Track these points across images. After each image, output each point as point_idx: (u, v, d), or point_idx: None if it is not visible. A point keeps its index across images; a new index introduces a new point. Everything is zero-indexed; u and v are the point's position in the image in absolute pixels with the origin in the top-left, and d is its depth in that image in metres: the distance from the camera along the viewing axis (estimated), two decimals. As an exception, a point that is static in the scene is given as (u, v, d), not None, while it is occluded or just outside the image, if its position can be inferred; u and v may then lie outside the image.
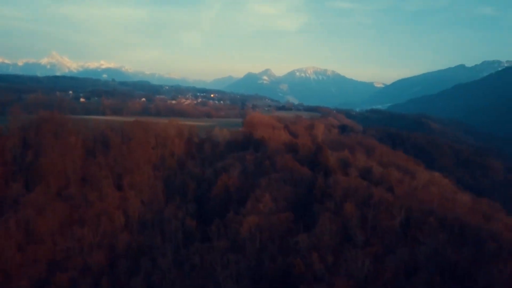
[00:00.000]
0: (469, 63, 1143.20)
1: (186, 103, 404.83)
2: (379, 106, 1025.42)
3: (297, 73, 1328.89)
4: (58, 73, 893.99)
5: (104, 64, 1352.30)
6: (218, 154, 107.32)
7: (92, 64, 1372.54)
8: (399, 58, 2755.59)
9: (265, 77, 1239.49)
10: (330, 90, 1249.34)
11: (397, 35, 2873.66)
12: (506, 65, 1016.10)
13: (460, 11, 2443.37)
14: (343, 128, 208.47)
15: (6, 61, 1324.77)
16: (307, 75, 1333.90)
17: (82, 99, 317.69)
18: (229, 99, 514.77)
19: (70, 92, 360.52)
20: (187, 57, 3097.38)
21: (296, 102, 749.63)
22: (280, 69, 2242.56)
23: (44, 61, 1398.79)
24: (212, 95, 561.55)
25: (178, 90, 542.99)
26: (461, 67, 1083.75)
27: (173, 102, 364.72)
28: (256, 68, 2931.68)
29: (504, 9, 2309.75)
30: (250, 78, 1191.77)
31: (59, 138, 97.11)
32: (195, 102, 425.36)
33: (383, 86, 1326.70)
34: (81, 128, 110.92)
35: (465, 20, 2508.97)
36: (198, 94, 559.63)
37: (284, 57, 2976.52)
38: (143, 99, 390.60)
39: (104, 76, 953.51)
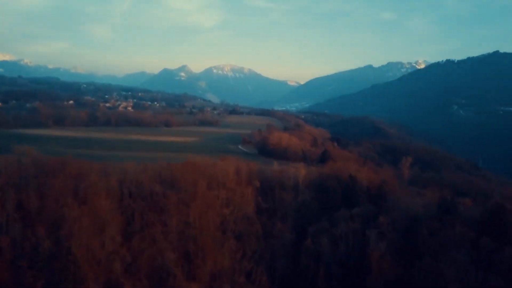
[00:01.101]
0: (376, 64, 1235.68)
1: (122, 106, 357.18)
2: (296, 105, 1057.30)
3: (215, 70, 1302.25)
4: None
5: None
6: (302, 208, 78.10)
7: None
8: (311, 57, 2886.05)
9: (182, 74, 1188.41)
10: (247, 88, 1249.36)
11: (310, 36, 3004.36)
12: (407, 66, 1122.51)
13: (365, 15, 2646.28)
14: (338, 142, 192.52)
15: None
16: (225, 72, 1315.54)
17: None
18: (162, 100, 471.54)
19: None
20: (95, 51, 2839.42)
21: (216, 100, 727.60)
22: (197, 66, 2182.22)
23: None
24: (140, 94, 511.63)
25: (102, 90, 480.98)
26: (369, 67, 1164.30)
27: (121, 108, 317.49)
28: (172, 64, 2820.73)
29: (404, 15, 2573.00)
30: (167, 74, 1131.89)
31: (84, 202, 60.31)
32: (131, 105, 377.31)
33: (296, 84, 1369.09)
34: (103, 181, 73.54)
35: (371, 23, 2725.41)
36: (124, 93, 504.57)
37: (201, 53, 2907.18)
38: (71, 101, 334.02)
39: (0, 70, 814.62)
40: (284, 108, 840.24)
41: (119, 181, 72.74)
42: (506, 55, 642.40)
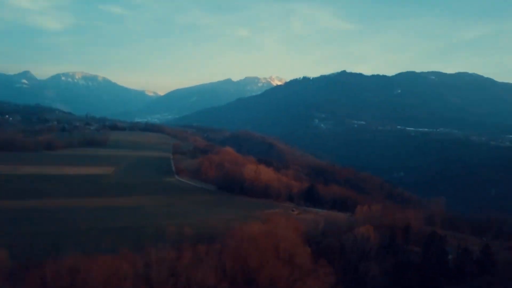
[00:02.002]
0: (235, 78, 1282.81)
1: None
2: (158, 116, 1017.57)
3: (63, 78, 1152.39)
4: None
5: None
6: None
7: None
8: (170, 68, 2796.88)
9: (24, 80, 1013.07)
10: (102, 97, 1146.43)
11: (168, 46, 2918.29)
12: (263, 81, 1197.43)
13: (221, 30, 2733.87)
14: (266, 164, 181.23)
15: None
16: (75, 80, 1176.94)
17: None
18: (13, 112, 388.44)
19: None
20: None
21: (66, 110, 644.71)
22: (42, 72, 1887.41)
23: None
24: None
25: None
26: (229, 81, 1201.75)
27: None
28: (11, 69, 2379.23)
29: (257, 32, 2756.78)
30: (3, 81, 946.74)
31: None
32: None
33: (154, 95, 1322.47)
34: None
35: (228, 38, 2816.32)
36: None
37: (47, 58, 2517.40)
38: None
39: None
40: (145, 120, 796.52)
41: None
42: (351, 74, 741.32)
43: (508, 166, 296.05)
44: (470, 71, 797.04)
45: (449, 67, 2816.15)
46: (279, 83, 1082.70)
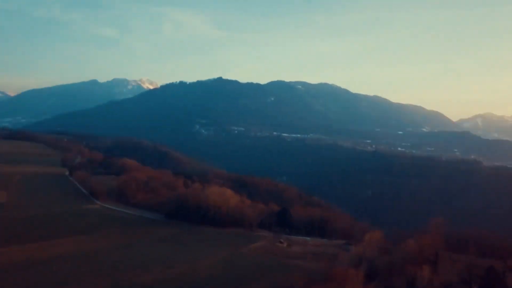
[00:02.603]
0: (101, 79, 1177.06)
1: None
2: (9, 120, 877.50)
3: None
4: None
5: None
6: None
7: None
8: (24, 66, 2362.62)
9: None
10: None
11: (24, 41, 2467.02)
12: (133, 84, 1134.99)
13: (84, 27, 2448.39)
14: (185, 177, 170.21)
15: None
16: None
17: None
18: None
19: None
20: None
21: None
22: None
23: None
24: None
25: None
26: (95, 82, 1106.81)
27: None
28: None
29: (125, 33, 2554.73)
30: None
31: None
32: None
33: (2, 95, 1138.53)
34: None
35: (91, 37, 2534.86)
36: None
37: None
38: None
39: None
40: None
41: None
42: (227, 81, 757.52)
43: (377, 169, 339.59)
44: (330, 82, 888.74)
45: (314, 77, 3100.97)
46: (150, 86, 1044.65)
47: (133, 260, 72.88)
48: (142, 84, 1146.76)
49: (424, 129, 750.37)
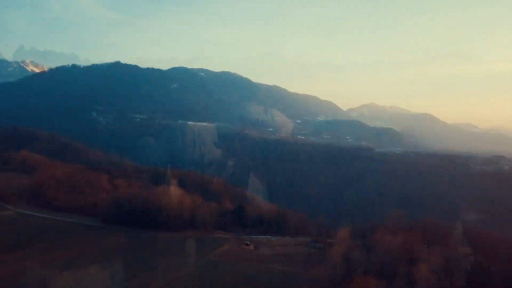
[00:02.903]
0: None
1: None
2: None
3: None
4: None
5: None
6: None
7: None
8: None
9: None
10: None
11: None
12: (14, 65, 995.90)
13: None
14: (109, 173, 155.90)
15: None
16: None
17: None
18: None
19: None
20: None
21: None
22: None
23: None
24: None
25: None
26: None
27: None
28: None
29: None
30: None
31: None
32: None
33: None
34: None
35: None
36: None
37: None
38: None
39: None
40: None
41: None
42: (126, 65, 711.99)
43: (284, 157, 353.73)
44: (232, 71, 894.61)
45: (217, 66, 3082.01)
46: (36, 69, 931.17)
47: (93, 279, 62.91)
48: (25, 67, 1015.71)
49: (319, 118, 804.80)
